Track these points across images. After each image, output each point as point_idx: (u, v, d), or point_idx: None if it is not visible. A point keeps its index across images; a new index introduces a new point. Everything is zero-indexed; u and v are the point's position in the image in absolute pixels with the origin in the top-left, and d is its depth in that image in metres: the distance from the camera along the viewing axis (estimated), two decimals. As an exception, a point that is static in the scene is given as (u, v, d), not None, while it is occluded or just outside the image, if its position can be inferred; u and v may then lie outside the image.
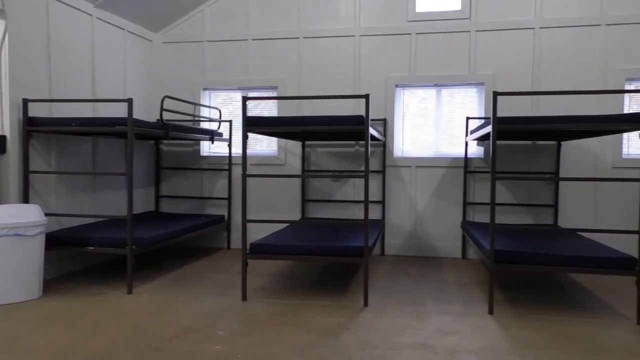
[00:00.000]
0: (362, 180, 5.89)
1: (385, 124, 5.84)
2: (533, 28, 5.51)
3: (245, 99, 4.00)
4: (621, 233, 3.61)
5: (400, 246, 5.90)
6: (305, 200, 6.08)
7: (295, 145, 6.09)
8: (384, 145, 5.86)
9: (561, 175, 5.45)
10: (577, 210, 5.48)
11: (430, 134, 5.88)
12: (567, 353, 2.97)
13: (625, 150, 5.41)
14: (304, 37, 6.02)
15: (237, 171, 6.23)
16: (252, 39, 6.14)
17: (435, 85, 5.82)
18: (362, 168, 5.89)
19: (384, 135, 5.83)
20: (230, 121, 6.20)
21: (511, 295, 4.19)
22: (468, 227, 5.11)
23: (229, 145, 6.17)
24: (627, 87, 5.38)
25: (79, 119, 4.23)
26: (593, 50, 5.41)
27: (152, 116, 6.22)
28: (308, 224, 5.33)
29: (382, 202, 5.87)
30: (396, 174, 5.89)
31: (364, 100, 3.83)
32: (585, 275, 4.84)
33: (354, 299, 4.07)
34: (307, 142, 6.07)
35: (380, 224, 5.34)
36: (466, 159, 5.66)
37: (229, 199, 6.21)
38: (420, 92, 5.90)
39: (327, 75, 5.99)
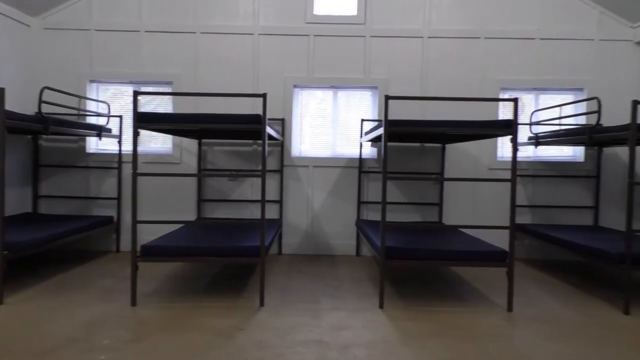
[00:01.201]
0: (260, 180, 5.86)
1: (283, 124, 5.87)
2: (422, 37, 5.86)
3: (136, 94, 3.80)
4: (495, 228, 3.98)
5: (297, 245, 5.97)
6: (201, 200, 5.92)
7: (191, 143, 5.91)
8: (282, 145, 5.89)
9: (446, 175, 5.86)
10: (458, 208, 5.93)
11: (327, 134, 6.02)
12: (448, 341, 3.20)
13: (499, 153, 5.95)
14: (201, 32, 5.86)
15: (127, 169, 5.90)
16: (145, 31, 5.85)
17: (332, 87, 5.96)
18: (260, 167, 5.87)
19: (282, 135, 5.86)
20: (120, 116, 5.85)
21: (400, 289, 4.43)
22: (362, 225, 5.30)
23: (119, 142, 5.82)
24: (502, 95, 5.92)
25: (-62, 109, 3.74)
26: (474, 61, 5.88)
27: (30, 109, 5.68)
28: (204, 224, 5.21)
29: (280, 202, 5.90)
30: (294, 174, 5.94)
31: (262, 99, 3.82)
32: (466, 267, 5.24)
33: (250, 299, 4.04)
34: (204, 140, 5.92)
35: (277, 224, 5.36)
36: (361, 159, 5.87)
37: (118, 198, 5.86)
38: (318, 93, 6.01)
39: (225, 72, 5.89)
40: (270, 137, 4.78)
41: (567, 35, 5.83)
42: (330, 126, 6.01)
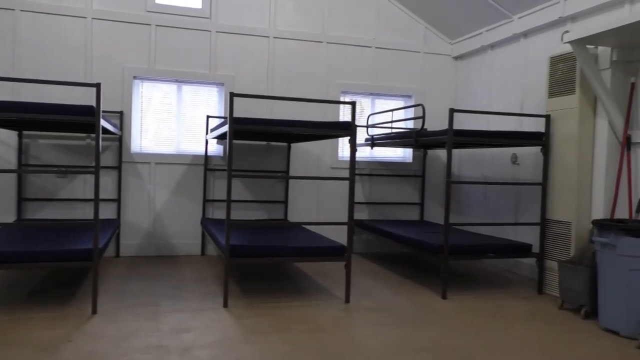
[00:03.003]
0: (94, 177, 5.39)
1: (122, 117, 5.47)
2: (268, 37, 5.94)
3: None
4: (335, 224, 4.20)
5: (137, 246, 5.61)
6: (22, 199, 5.24)
7: (9, 135, 5.19)
8: (120, 140, 5.48)
9: (291, 174, 6.02)
10: (303, 205, 6.14)
11: (172, 130, 5.77)
12: (290, 335, 3.29)
13: (340, 153, 6.31)
14: (21, 10, 5.17)
15: None
16: (-52, 2, 5.00)
17: (177, 81, 5.73)
18: (94, 163, 5.38)
19: (121, 129, 5.47)
20: None
21: (245, 287, 4.43)
22: (207, 223, 5.19)
23: None
24: (342, 98, 6.28)
25: None
26: (318, 64, 6.13)
27: None
28: (25, 225, 4.62)
29: (118, 200, 5.49)
30: (134, 171, 5.58)
31: (95, 89, 3.51)
32: (308, 262, 5.45)
33: (81, 306, 3.70)
34: (26, 132, 5.25)
35: (114, 224, 4.97)
36: (206, 156, 5.74)
37: None
38: (164, 87, 5.72)
39: (52, 57, 5.28)
40: (106, 131, 4.43)
41: (398, 46, 6.40)
42: (175, 122, 5.77)
